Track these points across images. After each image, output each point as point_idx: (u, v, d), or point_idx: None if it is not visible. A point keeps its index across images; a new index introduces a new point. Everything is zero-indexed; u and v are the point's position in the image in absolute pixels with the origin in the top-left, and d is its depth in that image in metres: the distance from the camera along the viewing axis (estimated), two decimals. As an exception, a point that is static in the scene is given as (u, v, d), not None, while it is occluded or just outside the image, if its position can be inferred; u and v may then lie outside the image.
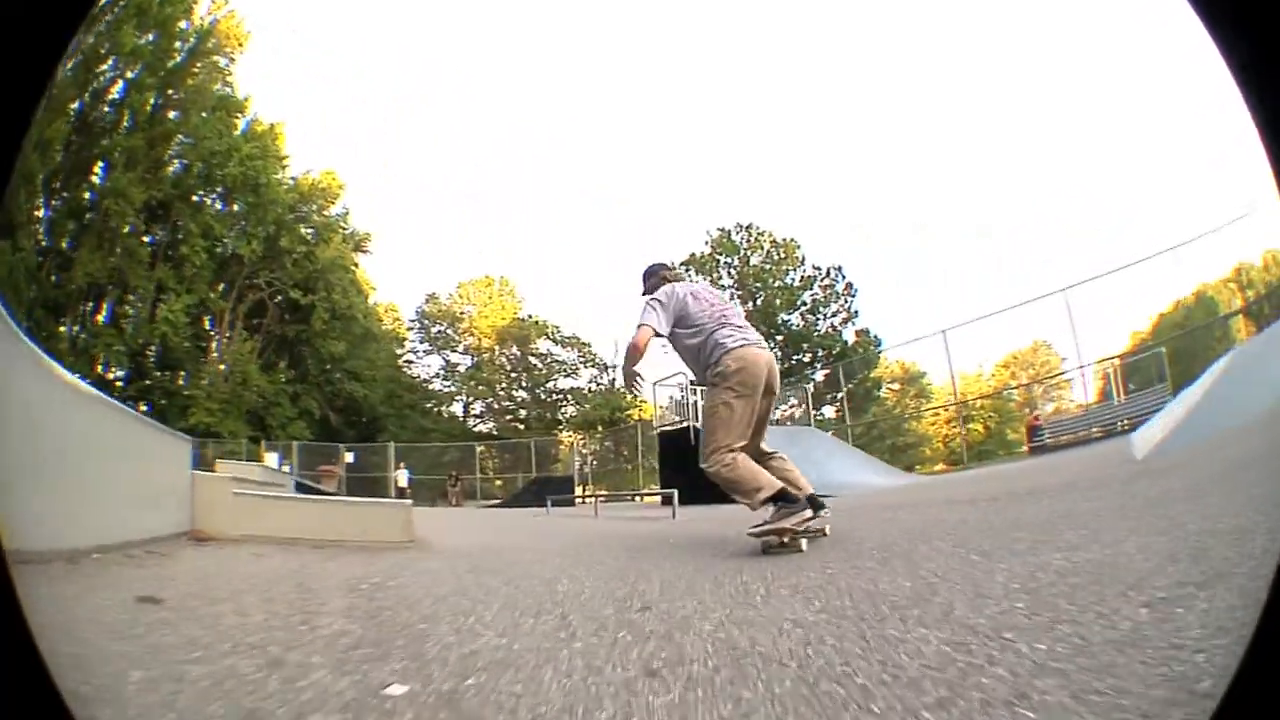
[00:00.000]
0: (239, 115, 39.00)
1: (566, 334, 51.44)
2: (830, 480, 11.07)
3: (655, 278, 4.73)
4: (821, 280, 43.75)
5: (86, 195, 30.47)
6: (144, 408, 31.34)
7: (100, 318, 32.53)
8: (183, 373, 34.84)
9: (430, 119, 72.23)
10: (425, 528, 7.23)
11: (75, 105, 29.19)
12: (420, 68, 68.72)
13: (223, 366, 36.52)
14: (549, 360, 51.41)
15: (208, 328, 38.37)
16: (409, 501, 8.52)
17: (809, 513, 3.79)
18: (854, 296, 43.18)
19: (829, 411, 33.46)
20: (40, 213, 28.29)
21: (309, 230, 42.58)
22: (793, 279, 44.11)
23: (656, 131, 66.60)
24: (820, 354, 41.99)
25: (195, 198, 36.49)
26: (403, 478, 31.08)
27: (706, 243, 46.31)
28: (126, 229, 31.74)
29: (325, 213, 43.96)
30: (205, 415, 34.23)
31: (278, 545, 5.09)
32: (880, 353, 40.60)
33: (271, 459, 27.74)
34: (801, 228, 67.68)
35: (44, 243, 28.67)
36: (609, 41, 67.01)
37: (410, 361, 50.30)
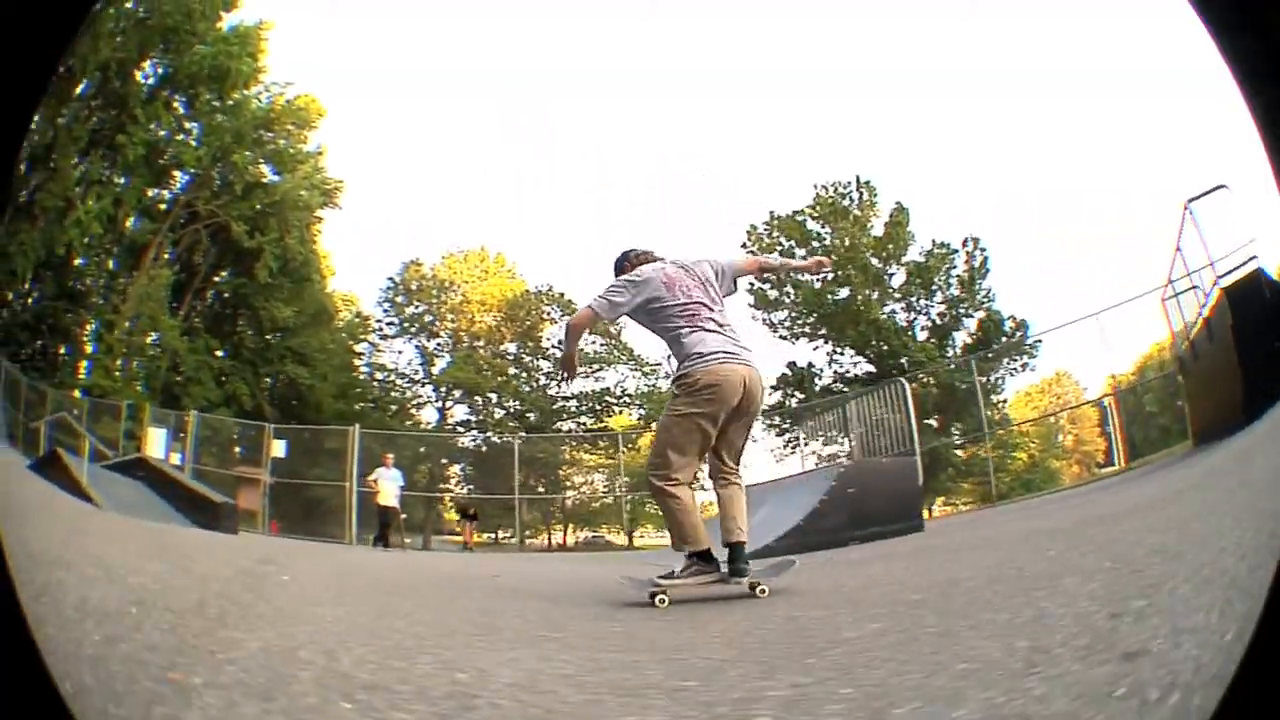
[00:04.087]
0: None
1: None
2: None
3: (625, 262, 4.04)
4: (947, 256, 29.54)
5: None
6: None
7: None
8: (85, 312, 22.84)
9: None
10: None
11: None
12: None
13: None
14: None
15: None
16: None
17: (711, 576, 3.52)
18: (986, 275, 29.29)
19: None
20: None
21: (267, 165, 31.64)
22: (913, 256, 29.99)
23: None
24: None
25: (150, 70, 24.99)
26: (390, 489, 15.01)
27: (812, 206, 30.98)
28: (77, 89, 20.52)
29: (296, 145, 32.96)
30: (103, 376, 22.72)
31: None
32: (1035, 347, 26.65)
33: (157, 440, 18.34)
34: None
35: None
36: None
37: (372, 347, 38.12)
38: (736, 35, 56.52)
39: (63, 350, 22.15)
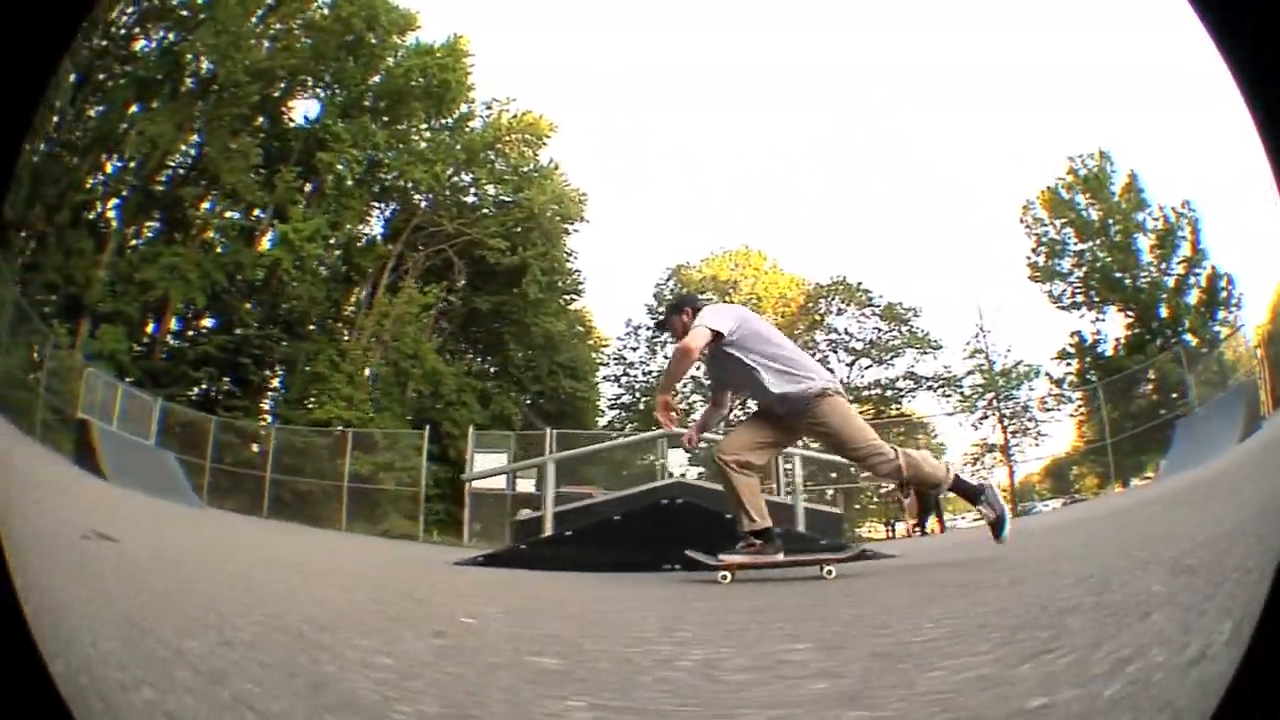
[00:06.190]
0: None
1: (881, 301, 32.73)
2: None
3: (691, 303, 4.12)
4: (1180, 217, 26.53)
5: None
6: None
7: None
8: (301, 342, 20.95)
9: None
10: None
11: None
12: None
13: (374, 335, 22.94)
14: (859, 342, 33.06)
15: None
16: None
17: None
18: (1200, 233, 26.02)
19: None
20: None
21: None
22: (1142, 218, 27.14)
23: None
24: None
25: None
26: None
27: (1071, 176, 28.01)
28: (226, 110, 19.73)
29: (527, 161, 29.48)
30: (341, 407, 20.85)
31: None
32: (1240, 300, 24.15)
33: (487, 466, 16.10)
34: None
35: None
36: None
37: (651, 354, 34.23)
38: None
39: (267, 383, 20.30)
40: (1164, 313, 25.44)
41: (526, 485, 15.88)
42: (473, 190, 28.20)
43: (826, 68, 52.12)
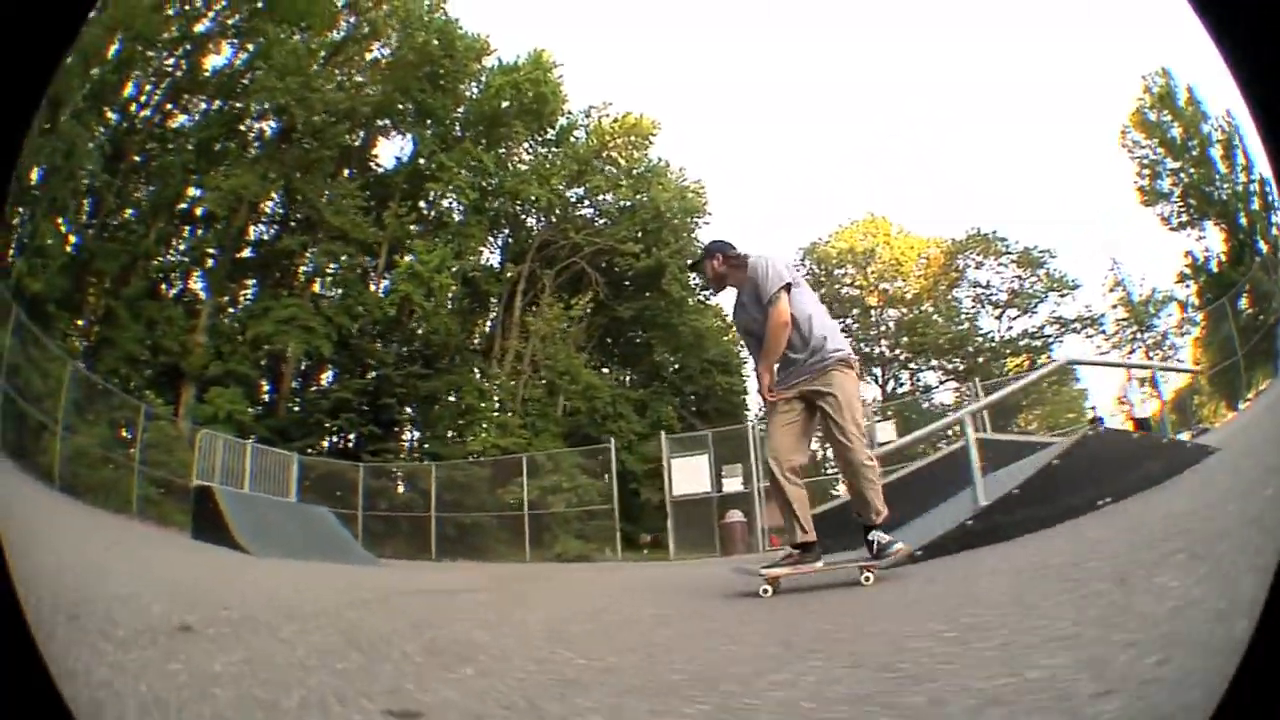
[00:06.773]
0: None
1: (1017, 247, 31.48)
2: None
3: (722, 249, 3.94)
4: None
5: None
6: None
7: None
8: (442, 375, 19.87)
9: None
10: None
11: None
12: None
13: (518, 357, 21.92)
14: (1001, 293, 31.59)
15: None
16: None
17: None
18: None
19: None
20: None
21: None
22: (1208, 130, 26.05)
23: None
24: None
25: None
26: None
27: (1148, 98, 27.02)
28: (321, 149, 19.18)
29: (637, 163, 28.09)
30: (495, 434, 19.81)
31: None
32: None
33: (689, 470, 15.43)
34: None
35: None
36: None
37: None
38: None
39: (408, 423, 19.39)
40: (1244, 221, 24.49)
41: (733, 485, 14.98)
42: (587, 201, 27.01)
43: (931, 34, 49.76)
